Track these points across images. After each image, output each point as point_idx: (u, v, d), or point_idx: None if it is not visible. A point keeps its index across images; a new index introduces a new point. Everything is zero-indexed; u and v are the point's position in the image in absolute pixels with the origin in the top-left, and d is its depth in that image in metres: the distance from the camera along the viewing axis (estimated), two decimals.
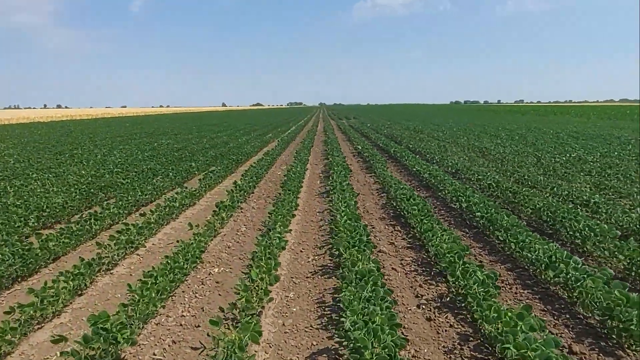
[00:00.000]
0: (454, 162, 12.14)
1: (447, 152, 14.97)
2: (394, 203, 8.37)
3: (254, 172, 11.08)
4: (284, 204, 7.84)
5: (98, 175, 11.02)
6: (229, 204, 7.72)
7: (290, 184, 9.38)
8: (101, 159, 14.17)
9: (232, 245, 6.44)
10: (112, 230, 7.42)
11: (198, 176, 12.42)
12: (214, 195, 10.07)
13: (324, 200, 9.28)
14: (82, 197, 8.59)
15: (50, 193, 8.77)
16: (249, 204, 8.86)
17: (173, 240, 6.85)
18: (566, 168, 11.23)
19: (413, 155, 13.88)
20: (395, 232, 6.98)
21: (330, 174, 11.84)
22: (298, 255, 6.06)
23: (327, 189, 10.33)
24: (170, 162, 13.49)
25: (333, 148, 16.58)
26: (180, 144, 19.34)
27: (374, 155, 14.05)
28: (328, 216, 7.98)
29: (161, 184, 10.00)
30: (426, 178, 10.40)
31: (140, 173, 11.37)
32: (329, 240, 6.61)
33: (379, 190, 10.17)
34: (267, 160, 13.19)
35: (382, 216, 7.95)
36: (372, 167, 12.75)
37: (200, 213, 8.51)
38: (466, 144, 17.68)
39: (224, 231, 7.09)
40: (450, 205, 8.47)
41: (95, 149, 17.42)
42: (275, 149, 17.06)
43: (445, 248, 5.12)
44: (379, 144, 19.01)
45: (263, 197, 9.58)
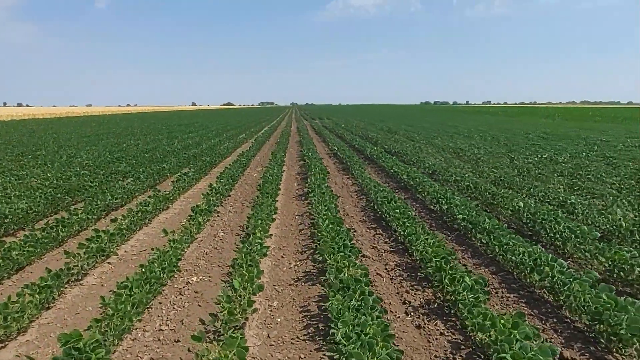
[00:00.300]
0: (431, 163, 12.16)
1: (423, 153, 15.03)
2: (374, 206, 8.27)
3: (229, 174, 10.81)
4: (263, 207, 7.63)
5: (64, 178, 10.52)
6: (205, 208, 7.46)
7: (267, 187, 9.16)
8: (67, 161, 13.58)
9: (210, 251, 6.20)
10: (81, 237, 7.06)
11: (171, 178, 12.04)
12: (189, 199, 9.76)
13: (302, 203, 9.11)
14: (47, 201, 8.15)
15: (12, 198, 8.29)
16: (225, 208, 8.60)
17: (147, 247, 6.55)
18: (539, 169, 11.40)
19: (389, 157, 13.86)
20: (377, 235, 6.88)
21: (307, 176, 11.67)
22: (279, 262, 5.88)
23: (305, 191, 10.16)
24: (140, 164, 13.04)
25: (309, 149, 16.41)
26: (150, 144, 18.79)
27: (351, 157, 13.96)
28: (308, 220, 7.82)
29: (132, 187, 9.61)
30: (404, 180, 10.36)
31: (109, 175, 10.93)
32: (311, 245, 6.45)
33: (358, 192, 10.07)
34: (242, 162, 12.92)
35: (362, 219, 7.84)
36: (350, 169, 12.66)
37: (174, 217, 8.20)
38: (441, 145, 17.83)
39: (201, 237, 6.83)
40: (430, 207, 8.44)
41: (60, 150, 16.72)
42: (250, 150, 16.77)
43: (430, 252, 5.03)
44: (354, 145, 18.95)
45: (240, 200, 9.33)
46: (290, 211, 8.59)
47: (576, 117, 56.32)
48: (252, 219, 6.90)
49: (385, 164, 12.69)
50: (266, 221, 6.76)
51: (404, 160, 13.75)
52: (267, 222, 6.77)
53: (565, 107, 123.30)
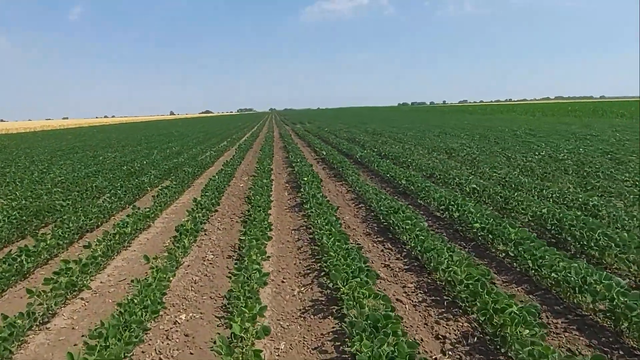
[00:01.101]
0: (428, 165, 11.53)
1: (415, 155, 14.41)
2: (378, 216, 7.56)
3: (214, 185, 9.98)
4: (255, 223, 6.85)
5: (33, 197, 9.56)
6: (191, 227, 6.64)
7: (257, 199, 8.38)
8: (38, 177, 12.56)
9: (199, 279, 5.39)
10: (51, 266, 6.19)
11: (151, 192, 11.16)
12: (171, 215, 8.91)
13: (297, 216, 8.35)
14: (11, 226, 7.22)
15: None
16: (213, 225, 7.78)
17: (126, 275, 5.72)
18: (542, 168, 10.86)
19: (382, 160, 13.19)
20: (386, 250, 6.16)
21: (298, 185, 10.92)
22: (281, 288, 5.11)
23: (299, 201, 9.41)
24: (118, 178, 12.11)
25: (295, 155, 15.66)
26: (128, 156, 17.78)
27: (342, 161, 13.24)
28: (306, 235, 7.07)
29: (109, 205, 8.72)
30: (403, 185, 9.69)
31: (83, 192, 9.99)
32: (313, 266, 5.71)
33: (355, 200, 9.35)
34: (227, 172, 12.09)
35: (366, 231, 7.12)
36: (342, 175, 11.94)
37: (156, 238, 7.35)
38: (431, 146, 17.26)
39: (188, 261, 6.01)
40: (436, 214, 7.77)
41: (32, 166, 15.62)
42: (234, 158, 15.92)
43: (460, 273, 4.33)
44: (342, 149, 18.25)
45: (228, 215, 8.51)
46: (285, 225, 7.82)
47: (555, 112, 56.73)
48: (245, 238, 6.12)
49: (379, 168, 12.02)
50: (261, 240, 5.98)
51: (396, 163, 13.10)
52: (262, 241, 5.99)
53: (541, 104, 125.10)
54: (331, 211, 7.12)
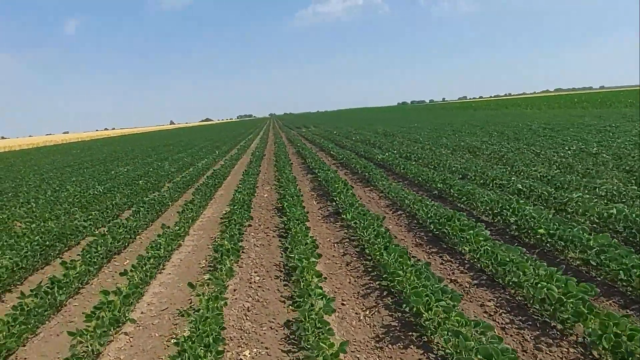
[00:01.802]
0: (458, 166, 11.04)
1: (437, 155, 13.92)
2: (425, 224, 7.08)
3: (239, 198, 9.52)
4: (295, 238, 6.38)
5: (52, 219, 9.13)
6: (231, 246, 6.16)
7: (293, 211, 7.91)
8: (52, 197, 12.12)
9: (251, 306, 4.92)
10: (82, 296, 5.74)
11: (174, 207, 10.72)
12: (199, 231, 8.46)
13: (334, 227, 7.88)
14: (34, 252, 6.77)
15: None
16: (248, 241, 7.31)
17: (167, 303, 5.27)
18: (581, 163, 10.36)
19: (406, 162, 12.71)
20: (446, 263, 5.68)
21: (326, 192, 10.47)
22: (343, 312, 4.64)
23: (331, 210, 8.95)
24: (136, 193, 11.67)
25: (314, 161, 15.21)
26: (140, 169, 17.35)
27: (366, 166, 12.75)
28: (351, 248, 6.60)
29: (133, 224, 8.27)
30: (438, 188, 9.22)
31: (103, 211, 9.54)
32: (371, 284, 5.24)
33: (391, 207, 8.87)
34: (250, 182, 11.63)
35: (415, 242, 6.64)
36: (369, 180, 11.45)
37: (190, 258, 6.90)
38: (451, 145, 16.77)
39: (233, 284, 5.54)
40: (484, 219, 7.28)
41: (43, 184, 15.20)
42: (250, 166, 15.47)
43: (555, 290, 3.85)
44: (359, 152, 17.73)
45: (262, 229, 8.05)
46: (324, 238, 7.35)
47: (561, 104, 56.18)
48: (292, 256, 5.65)
49: (407, 170, 11.54)
50: (311, 258, 5.50)
51: (422, 165, 12.61)
52: (312, 259, 5.52)
53: (544, 96, 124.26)
54: (377, 222, 6.63)
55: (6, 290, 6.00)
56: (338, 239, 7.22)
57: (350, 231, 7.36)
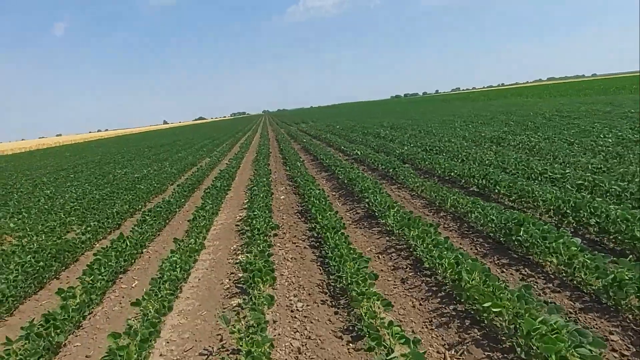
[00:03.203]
0: (492, 159, 10.02)
1: (459, 147, 12.85)
2: (476, 227, 6.06)
3: (258, 201, 8.47)
4: (338, 250, 5.35)
5: (45, 231, 8.06)
6: (262, 264, 5.11)
7: (322, 215, 6.87)
8: (46, 205, 11.03)
9: (303, 345, 3.88)
10: (86, 332, 4.70)
11: (180, 214, 9.68)
12: (215, 242, 7.42)
13: (370, 232, 6.86)
14: (26, 275, 5.73)
15: None
16: (277, 253, 6.26)
17: (191, 340, 4.26)
18: (631, 152, 9.37)
19: (433, 156, 11.66)
20: (527, 278, 4.67)
21: (349, 191, 9.45)
22: (428, 355, 3.62)
23: (361, 214, 7.94)
24: (138, 199, 10.60)
25: (327, 156, 14.18)
26: (140, 172, 16.24)
27: (388, 162, 11.68)
28: (402, 259, 5.59)
29: (139, 236, 7.22)
30: (480, 184, 8.21)
31: (104, 221, 8.47)
32: (445, 310, 4.23)
33: (428, 207, 7.85)
34: (262, 182, 10.56)
35: (476, 251, 5.62)
36: (394, 178, 10.40)
37: (210, 277, 5.86)
38: (470, 136, 15.76)
39: (272, 313, 4.50)
40: (544, 219, 6.27)
41: (36, 191, 14.07)
42: (258, 165, 14.39)
43: None
44: (372, 146, 16.63)
45: (288, 238, 7.00)
46: (363, 247, 6.34)
47: (563, 92, 55.40)
48: (339, 275, 4.63)
49: (436, 165, 10.48)
50: (368, 280, 4.47)
51: (448, 158, 11.58)
52: (368, 280, 4.48)
53: (538, 86, 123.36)
54: (431, 229, 5.61)
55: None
56: (380, 248, 6.21)
57: (392, 238, 6.35)
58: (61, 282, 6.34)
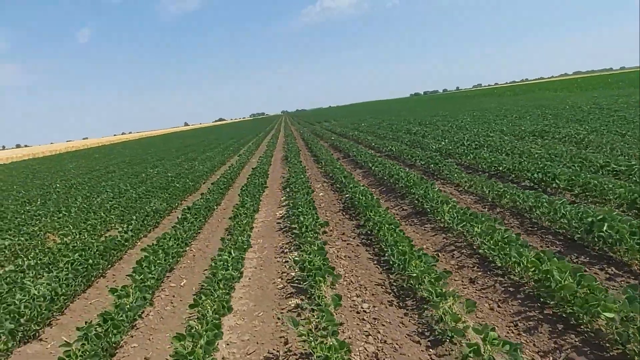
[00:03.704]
0: (542, 152, 9.55)
1: (501, 141, 12.37)
2: (542, 224, 5.65)
3: (300, 198, 8.21)
4: (397, 248, 5.04)
5: (88, 230, 7.97)
6: (322, 263, 4.82)
7: (372, 212, 6.56)
8: (84, 204, 11.01)
9: (379, 350, 3.57)
10: (141, 333, 4.50)
11: (218, 211, 9.50)
12: (259, 240, 7.20)
13: (424, 230, 6.52)
14: (76, 274, 5.58)
15: (26, 276, 5.72)
16: (329, 252, 5.97)
17: (252, 343, 4.06)
18: None
19: (470, 150, 11.21)
20: None
21: (392, 187, 9.11)
22: None
23: (408, 209, 7.60)
24: (174, 197, 10.48)
25: (357, 153, 13.87)
26: (172, 171, 16.20)
27: (432, 157, 11.29)
28: (466, 258, 5.24)
29: (183, 233, 7.04)
30: (534, 177, 7.78)
31: (143, 219, 8.34)
32: (528, 313, 3.88)
33: (479, 202, 7.46)
34: (300, 179, 10.29)
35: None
36: (438, 172, 10.00)
37: (260, 276, 5.63)
38: (508, 130, 15.22)
39: (337, 316, 4.21)
40: None
41: (72, 190, 14.14)
42: (290, 162, 14.16)
43: None
44: (405, 142, 16.22)
45: (337, 235, 6.71)
46: (418, 245, 6.01)
47: (595, 86, 53.75)
48: (406, 273, 4.32)
49: (479, 159, 10.04)
50: (441, 279, 4.14)
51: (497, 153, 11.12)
52: (441, 279, 4.15)
53: (564, 80, 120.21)
54: (500, 226, 5.23)
55: (45, 325, 4.80)
56: (438, 245, 5.87)
57: (450, 235, 6.00)
58: (107, 280, 6.21)
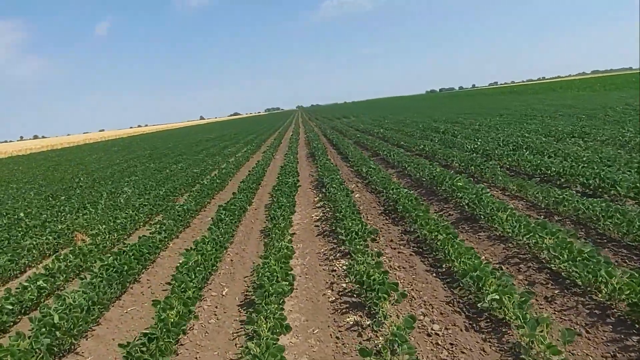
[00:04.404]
0: (592, 157, 9.02)
1: (540, 142, 11.81)
2: (621, 240, 5.17)
3: (340, 199, 7.81)
4: (470, 265, 4.62)
5: (118, 230, 7.67)
6: (383, 278, 4.41)
7: (425, 220, 6.13)
8: (110, 200, 10.76)
9: None
10: (187, 352, 4.15)
11: (250, 211, 9.15)
12: (298, 244, 6.81)
13: (478, 238, 6.07)
14: (110, 280, 5.25)
15: (57, 280, 5.41)
16: (395, 272, 5.56)
17: None
18: None
19: (508, 151, 10.70)
20: None
21: (432, 190, 8.66)
22: None
23: (456, 214, 7.15)
24: (204, 195, 10.14)
25: (388, 152, 13.42)
26: (196, 166, 15.91)
27: (472, 159, 10.80)
28: (536, 273, 4.80)
29: (220, 237, 6.69)
30: (589, 183, 7.27)
31: (175, 218, 8.01)
32: (625, 342, 3.43)
33: (531, 209, 6.98)
34: (335, 178, 9.88)
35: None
36: (479, 175, 9.52)
37: (307, 285, 5.25)
38: (543, 130, 14.61)
39: None
40: None
41: (97, 184, 13.93)
42: (317, 161, 13.76)
43: None
44: (434, 140, 15.68)
45: (385, 243, 6.30)
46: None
47: (619, 85, 52.38)
48: (487, 298, 3.89)
49: (523, 162, 9.54)
50: (526, 301, 3.71)
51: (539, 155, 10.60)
52: (526, 301, 3.72)
53: (584, 79, 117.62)
54: (577, 240, 4.78)
55: (81, 337, 4.49)
56: (499, 257, 5.42)
57: (510, 246, 5.55)
58: (142, 286, 5.89)
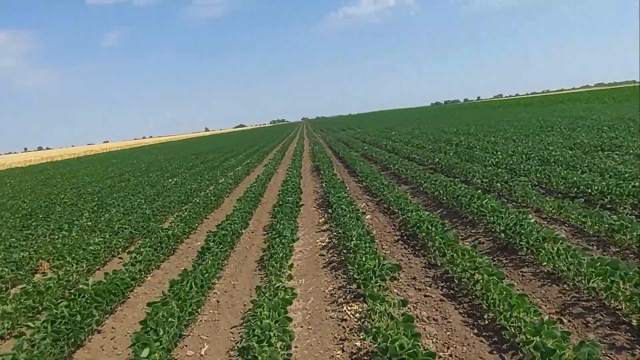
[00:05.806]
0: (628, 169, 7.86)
1: (562, 155, 10.64)
2: None
3: (349, 223, 6.66)
4: (533, 327, 3.45)
5: (88, 259, 6.52)
6: (413, 342, 3.24)
7: (456, 252, 4.97)
8: (90, 220, 9.63)
9: None
10: None
11: (245, 236, 8.00)
12: (300, 279, 5.65)
13: (509, 265, 4.90)
14: (58, 335, 4.10)
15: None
16: (426, 344, 4.39)
17: None
18: None
19: (533, 165, 9.53)
20: None
21: (455, 211, 7.51)
22: None
23: (488, 243, 5.99)
24: (195, 215, 9.01)
25: (402, 168, 12.29)
26: (191, 181, 14.77)
27: (497, 174, 9.65)
28: (611, 329, 3.61)
29: (204, 272, 5.53)
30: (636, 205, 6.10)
31: (156, 246, 6.86)
32: None
33: (576, 235, 5.81)
34: (342, 197, 8.73)
35: None
36: (508, 193, 8.37)
37: (310, 344, 4.08)
38: (566, 143, 13.46)
39: None
40: None
41: (80, 201, 12.80)
42: (323, 175, 12.63)
43: None
44: (452, 153, 14.53)
45: (407, 282, 5.12)
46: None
47: (630, 97, 51.29)
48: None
49: (554, 178, 8.38)
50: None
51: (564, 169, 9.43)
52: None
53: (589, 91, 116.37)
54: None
55: None
56: (556, 304, 4.24)
57: (566, 288, 4.37)
58: (104, 337, 4.75)
